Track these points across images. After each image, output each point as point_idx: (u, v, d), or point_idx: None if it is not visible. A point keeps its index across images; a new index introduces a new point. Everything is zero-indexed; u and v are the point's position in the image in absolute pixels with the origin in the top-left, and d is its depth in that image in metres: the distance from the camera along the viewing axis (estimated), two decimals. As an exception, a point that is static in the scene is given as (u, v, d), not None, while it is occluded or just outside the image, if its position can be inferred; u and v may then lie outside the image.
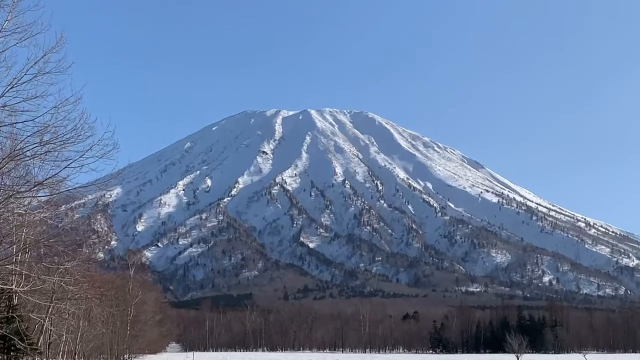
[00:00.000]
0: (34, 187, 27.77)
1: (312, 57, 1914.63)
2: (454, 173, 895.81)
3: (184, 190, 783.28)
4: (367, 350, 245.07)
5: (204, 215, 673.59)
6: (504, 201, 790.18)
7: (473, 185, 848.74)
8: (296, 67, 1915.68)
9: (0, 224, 30.99)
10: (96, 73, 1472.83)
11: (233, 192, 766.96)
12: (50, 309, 44.54)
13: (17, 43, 24.87)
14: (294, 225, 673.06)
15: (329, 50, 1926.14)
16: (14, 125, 26.22)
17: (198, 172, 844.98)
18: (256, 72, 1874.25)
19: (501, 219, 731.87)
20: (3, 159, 26.05)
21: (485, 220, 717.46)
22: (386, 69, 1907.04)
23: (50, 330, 48.98)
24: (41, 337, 46.21)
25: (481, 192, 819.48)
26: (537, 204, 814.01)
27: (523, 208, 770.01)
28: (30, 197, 29.35)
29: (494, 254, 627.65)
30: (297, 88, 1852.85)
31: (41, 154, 27.03)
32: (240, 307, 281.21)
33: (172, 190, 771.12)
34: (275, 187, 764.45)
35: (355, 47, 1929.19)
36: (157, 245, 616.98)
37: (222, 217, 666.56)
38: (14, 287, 34.43)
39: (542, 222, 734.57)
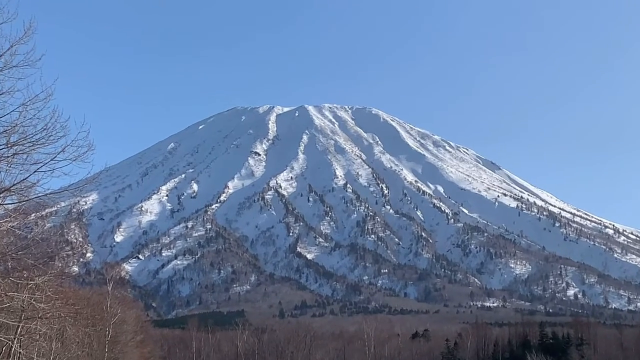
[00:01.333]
0: (0, 193, 27.71)
1: (309, 47, 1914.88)
2: (467, 175, 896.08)
3: (167, 196, 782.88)
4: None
5: (189, 224, 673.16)
6: (524, 206, 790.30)
7: (489, 189, 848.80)
8: (291, 58, 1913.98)
9: (-37, 235, 30.91)
10: (69, 66, 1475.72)
11: (222, 198, 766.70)
12: (19, 330, 44.42)
13: (-20, 34, 24.78)
14: (290, 234, 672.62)
15: (327, 39, 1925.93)
16: (-22, 125, 26.16)
17: (183, 175, 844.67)
18: (247, 64, 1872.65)
19: (520, 225, 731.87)
20: (-35, 163, 25.97)
21: (503, 227, 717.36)
22: (391, 60, 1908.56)
23: (20, 353, 48.83)
24: (9, 361, 46.07)
25: (498, 196, 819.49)
26: (560, 208, 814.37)
27: (544, 213, 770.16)
28: (-5, 204, 29.27)
29: (512, 265, 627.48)
30: (293, 82, 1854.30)
31: (8, 157, 27.00)
32: (230, 325, 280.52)
33: (154, 196, 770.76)
34: (269, 192, 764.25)
35: (356, 36, 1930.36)
36: (138, 258, 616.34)
37: (210, 226, 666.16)
38: (-22, 305, 34.29)
39: (565, 229, 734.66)
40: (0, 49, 24.94)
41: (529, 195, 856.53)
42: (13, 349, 45.73)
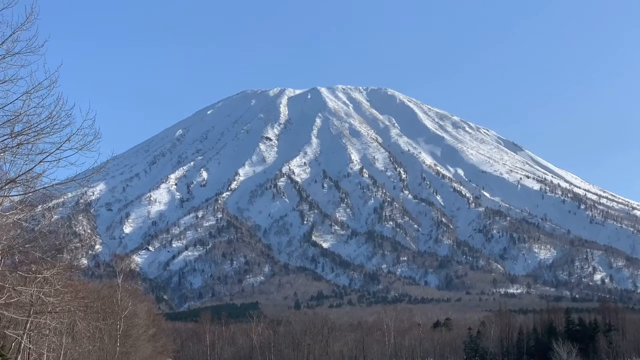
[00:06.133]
0: (6, 185, 27.99)
1: (320, 26, 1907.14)
2: (488, 157, 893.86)
3: (176, 184, 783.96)
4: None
5: (200, 214, 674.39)
6: (547, 188, 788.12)
7: (511, 171, 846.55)
8: (302, 38, 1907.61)
9: (-32, 228, 31.26)
10: (73, 52, 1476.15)
11: (233, 186, 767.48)
12: (28, 325, 44.83)
13: (-19, 20, 25.02)
14: (305, 222, 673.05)
15: (339, 17, 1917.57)
16: (-19, 114, 26.42)
17: (192, 163, 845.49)
18: (256, 45, 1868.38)
19: (544, 208, 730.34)
20: (-31, 154, 26.26)
21: (526, 210, 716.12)
22: (406, 37, 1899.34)
23: (29, 348, 49.32)
24: (19, 357, 46.58)
25: (520, 179, 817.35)
26: (585, 190, 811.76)
27: (569, 195, 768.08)
28: (1, 196, 29.59)
29: (536, 250, 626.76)
30: (304, 63, 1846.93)
31: (13, 147, 27.25)
32: (245, 318, 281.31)
33: (162, 186, 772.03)
34: (282, 179, 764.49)
35: (369, 12, 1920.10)
36: (148, 249, 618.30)
37: (221, 215, 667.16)
38: (-14, 300, 34.67)
39: (591, 211, 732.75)
40: (1, 35, 25.14)
41: (552, 177, 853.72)
42: (22, 345, 46.21)
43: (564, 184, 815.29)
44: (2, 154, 27.80)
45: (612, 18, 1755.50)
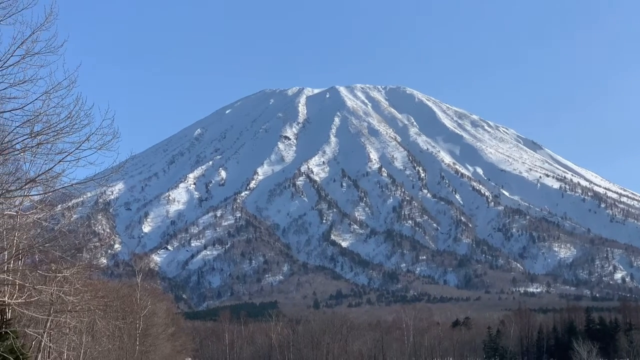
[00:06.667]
0: (26, 184, 28.15)
1: (338, 26, 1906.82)
2: (507, 156, 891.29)
3: (195, 184, 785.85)
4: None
5: (218, 213, 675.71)
6: (567, 187, 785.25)
7: (530, 170, 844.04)
8: (320, 37, 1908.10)
9: (-11, 227, 31.47)
10: (91, 52, 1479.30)
11: (251, 185, 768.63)
12: (48, 323, 45.09)
13: (1, 20, 25.20)
14: (323, 221, 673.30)
15: (357, 17, 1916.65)
16: (1, 114, 26.62)
17: (210, 162, 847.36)
18: (274, 44, 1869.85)
19: (564, 207, 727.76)
20: (-10, 154, 26.45)
21: (546, 209, 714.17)
22: (425, 37, 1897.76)
23: (50, 347, 49.56)
24: (39, 355, 46.83)
25: (540, 177, 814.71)
26: (605, 189, 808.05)
27: (589, 194, 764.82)
28: (21, 196, 29.75)
29: (556, 249, 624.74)
30: (323, 62, 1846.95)
31: (32, 147, 27.41)
32: (263, 317, 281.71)
33: (181, 185, 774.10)
34: (300, 178, 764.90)
35: (388, 12, 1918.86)
36: (167, 248, 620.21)
37: (239, 214, 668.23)
38: (6, 299, 34.86)
39: (612, 210, 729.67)
40: (21, 36, 25.28)
41: (572, 175, 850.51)
42: (43, 343, 46.46)
43: (584, 183, 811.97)
44: (22, 154, 27.99)
45: (630, 18, 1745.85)
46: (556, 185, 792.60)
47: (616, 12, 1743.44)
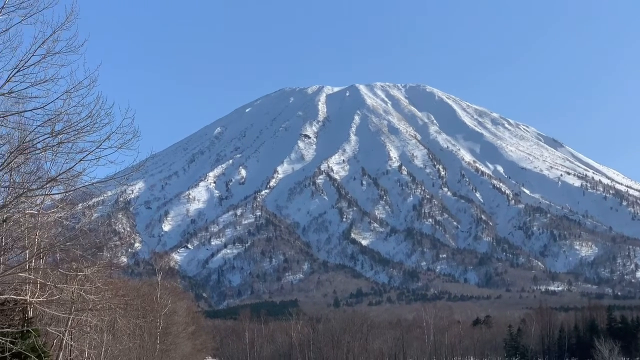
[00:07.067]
0: (47, 183, 28.28)
1: (358, 24, 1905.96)
2: (528, 154, 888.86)
3: (215, 182, 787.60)
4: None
5: (238, 211, 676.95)
6: (589, 185, 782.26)
7: (551, 167, 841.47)
8: (340, 36, 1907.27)
9: (11, 226, 31.66)
10: (112, 51, 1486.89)
11: (271, 184, 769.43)
12: (69, 322, 45.28)
13: (22, 20, 25.32)
14: (344, 219, 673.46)
15: (377, 15, 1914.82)
16: (22, 114, 26.74)
17: (230, 161, 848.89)
18: (294, 43, 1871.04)
19: (585, 205, 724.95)
20: (11, 153, 26.60)
21: (567, 207, 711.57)
22: (445, 34, 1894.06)
23: (71, 345, 49.76)
24: (61, 354, 47.04)
25: (561, 175, 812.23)
26: (627, 186, 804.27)
27: (611, 192, 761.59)
28: (42, 195, 29.90)
29: (577, 247, 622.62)
30: (343, 60, 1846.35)
31: (53, 146, 27.53)
32: (284, 315, 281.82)
33: (201, 184, 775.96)
34: (320, 176, 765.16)
35: (407, 10, 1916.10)
36: (187, 247, 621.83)
37: (259, 213, 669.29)
38: (28, 297, 35.09)
39: (634, 207, 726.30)
40: (42, 35, 25.38)
41: (594, 173, 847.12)
42: (64, 342, 46.68)
43: (605, 181, 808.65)
44: (43, 153, 28.12)
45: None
46: (577, 183, 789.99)
47: (638, 7, 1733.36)
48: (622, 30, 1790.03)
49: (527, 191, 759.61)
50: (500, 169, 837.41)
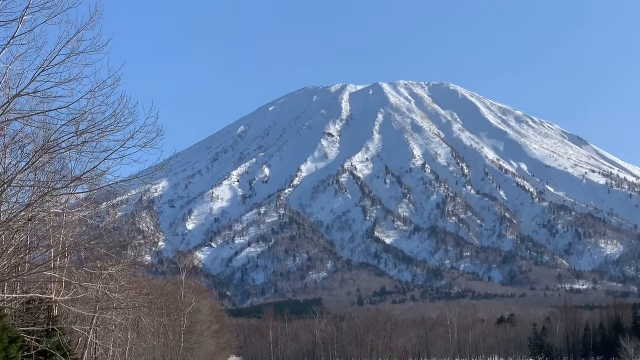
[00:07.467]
0: (71, 182, 28.43)
1: (380, 22, 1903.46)
2: (552, 151, 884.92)
3: (238, 181, 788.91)
4: (456, 359, 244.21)
5: (262, 210, 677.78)
6: (613, 182, 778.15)
7: (575, 165, 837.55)
8: (363, 34, 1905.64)
9: (36, 225, 31.86)
10: (135, 50, 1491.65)
11: (295, 182, 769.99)
12: (94, 320, 45.50)
13: (47, 20, 25.43)
14: (367, 218, 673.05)
15: (399, 13, 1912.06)
16: (47, 113, 26.89)
17: (254, 159, 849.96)
18: (317, 41, 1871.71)
19: (610, 203, 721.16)
20: (36, 152, 26.75)
21: (592, 205, 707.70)
22: (467, 32, 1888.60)
23: (96, 343, 50.04)
24: (85, 352, 47.27)
25: (585, 173, 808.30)
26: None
27: (636, 189, 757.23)
28: (67, 194, 30.04)
29: (602, 245, 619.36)
30: (365, 58, 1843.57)
31: (78, 145, 27.66)
32: (307, 314, 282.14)
33: (225, 182, 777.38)
34: (344, 175, 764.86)
35: (430, 7, 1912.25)
36: (210, 246, 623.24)
37: (283, 211, 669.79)
38: (53, 296, 35.31)
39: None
40: (66, 35, 25.48)
41: (619, 170, 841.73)
42: (89, 340, 46.92)
43: (630, 178, 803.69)
44: (67, 152, 28.25)
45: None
46: (602, 180, 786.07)
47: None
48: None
49: (551, 189, 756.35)
50: (524, 166, 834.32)
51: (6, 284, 31.89)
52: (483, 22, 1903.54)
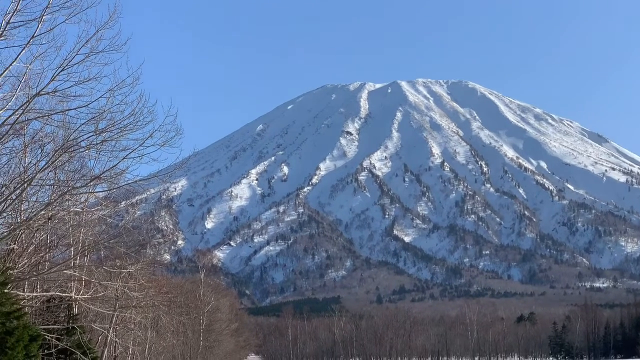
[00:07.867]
0: (91, 181, 28.52)
1: (399, 20, 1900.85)
2: (572, 149, 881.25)
3: (257, 180, 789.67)
4: (476, 358, 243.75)
5: (281, 208, 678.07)
6: (634, 180, 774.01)
7: (596, 163, 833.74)
8: (382, 32, 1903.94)
9: (56, 224, 32.01)
10: (154, 49, 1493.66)
11: (314, 181, 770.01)
12: (114, 319, 45.66)
13: (66, 20, 25.51)
14: (386, 216, 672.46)
15: (418, 11, 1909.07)
16: (66, 112, 26.97)
17: (273, 158, 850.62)
18: (336, 40, 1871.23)
19: (631, 201, 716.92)
20: (56, 151, 26.84)
21: (612, 203, 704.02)
22: (486, 30, 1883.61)
23: (116, 342, 50.21)
24: (105, 350, 47.44)
25: (605, 171, 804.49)
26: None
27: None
28: (87, 193, 30.15)
29: (623, 243, 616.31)
30: (384, 57, 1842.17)
31: (97, 144, 27.73)
32: (326, 312, 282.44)
33: (243, 181, 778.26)
34: (363, 173, 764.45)
35: (449, 6, 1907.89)
36: (230, 244, 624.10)
37: (302, 210, 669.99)
38: (73, 294, 35.46)
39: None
40: (85, 34, 25.56)
41: (639, 168, 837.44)
42: (109, 338, 47.09)
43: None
44: (87, 151, 28.33)
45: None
46: (622, 178, 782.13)
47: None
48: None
49: (571, 187, 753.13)
50: (543, 164, 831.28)
51: (27, 282, 32.06)
52: (502, 20, 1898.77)
